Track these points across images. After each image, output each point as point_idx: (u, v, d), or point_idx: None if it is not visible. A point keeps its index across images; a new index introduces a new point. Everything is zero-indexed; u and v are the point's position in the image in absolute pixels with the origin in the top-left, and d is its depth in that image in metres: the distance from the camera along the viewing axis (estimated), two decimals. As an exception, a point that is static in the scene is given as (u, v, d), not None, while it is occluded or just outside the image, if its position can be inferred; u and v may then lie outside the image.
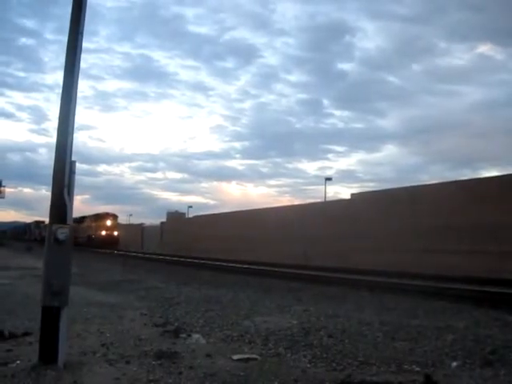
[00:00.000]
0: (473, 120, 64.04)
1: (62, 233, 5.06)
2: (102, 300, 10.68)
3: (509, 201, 19.98)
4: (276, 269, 21.28)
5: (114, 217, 63.98)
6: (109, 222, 61.23)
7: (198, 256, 33.02)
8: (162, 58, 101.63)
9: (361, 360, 5.59)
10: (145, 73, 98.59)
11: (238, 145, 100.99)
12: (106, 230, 60.32)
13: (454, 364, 5.44)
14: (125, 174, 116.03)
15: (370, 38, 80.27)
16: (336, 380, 4.82)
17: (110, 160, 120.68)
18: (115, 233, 61.16)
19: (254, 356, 5.76)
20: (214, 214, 51.21)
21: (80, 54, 5.42)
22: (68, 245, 5.12)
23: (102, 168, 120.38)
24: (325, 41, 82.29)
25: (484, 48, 72.63)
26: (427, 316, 8.71)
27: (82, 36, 5.43)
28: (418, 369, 5.24)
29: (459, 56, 70.91)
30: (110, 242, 57.79)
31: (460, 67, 66.79)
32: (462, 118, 66.42)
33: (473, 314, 8.94)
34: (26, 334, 6.58)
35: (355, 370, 5.20)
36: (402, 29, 71.16)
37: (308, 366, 5.42)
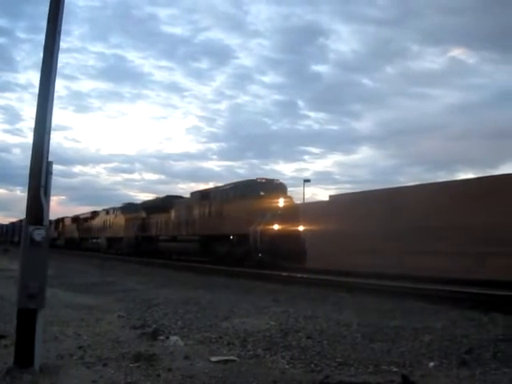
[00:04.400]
0: (448, 123, 64.92)
1: (39, 234, 5.00)
2: (79, 302, 10.57)
3: (488, 202, 20.26)
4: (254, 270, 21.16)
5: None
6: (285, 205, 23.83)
7: (179, 258, 32.85)
8: (137, 59, 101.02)
9: (339, 361, 5.61)
10: (119, 73, 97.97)
11: (214, 146, 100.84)
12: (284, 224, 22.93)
13: (431, 364, 5.49)
14: (101, 174, 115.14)
15: (344, 40, 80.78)
16: (314, 381, 4.83)
17: (85, 161, 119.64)
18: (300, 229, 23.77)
19: (232, 358, 5.75)
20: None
21: (57, 53, 5.36)
22: (44, 246, 5.06)
23: (77, 169, 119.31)
24: (299, 43, 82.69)
25: (457, 52, 73.56)
26: (405, 317, 8.77)
27: (60, 35, 5.37)
28: (395, 369, 5.28)
29: (432, 59, 71.63)
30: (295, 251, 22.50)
31: (433, 70, 67.55)
32: (437, 120, 67.25)
33: (450, 315, 9.03)
34: (1, 336, 6.48)
35: (333, 371, 5.22)
36: (376, 32, 71.71)
37: (286, 367, 5.43)
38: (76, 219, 56.06)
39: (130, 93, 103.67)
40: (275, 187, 24.59)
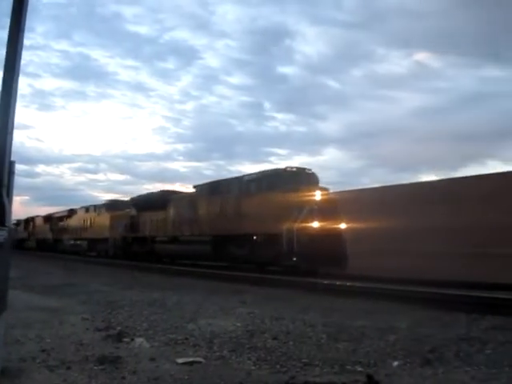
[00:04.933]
0: (412, 125, 65.74)
1: (1, 235, 4.90)
2: (42, 304, 10.40)
3: (453, 202, 20.57)
4: (220, 271, 21.15)
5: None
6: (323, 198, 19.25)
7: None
8: (101, 57, 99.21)
9: (305, 361, 5.64)
10: (83, 71, 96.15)
11: (180, 147, 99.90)
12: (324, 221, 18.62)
13: (395, 363, 5.56)
14: (65, 174, 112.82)
15: (311, 42, 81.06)
16: (280, 382, 4.85)
17: (49, 160, 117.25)
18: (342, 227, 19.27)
19: (198, 359, 5.73)
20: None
21: (21, 50, 5.26)
22: (6, 247, 4.96)
23: (40, 169, 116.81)
24: (265, 44, 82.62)
25: (421, 55, 74.64)
26: (370, 317, 8.86)
27: (24, 32, 5.28)
28: (360, 369, 5.33)
29: (397, 62, 72.54)
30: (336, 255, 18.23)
31: (398, 74, 68.39)
32: (402, 123, 68.05)
33: (414, 315, 9.15)
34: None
35: (299, 372, 5.24)
36: (342, 34, 72.25)
37: (252, 368, 5.43)
38: (49, 218, 51.51)
39: (94, 92, 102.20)
40: (308, 177, 20.58)
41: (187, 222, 25.29)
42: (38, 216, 56.62)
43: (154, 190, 32.78)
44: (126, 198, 36.93)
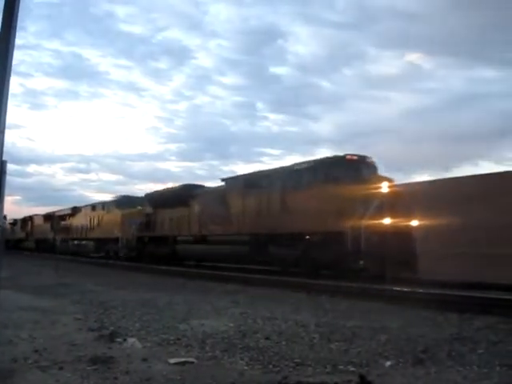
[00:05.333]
0: (404, 126, 65.87)
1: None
2: (34, 304, 10.37)
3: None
4: (212, 271, 21.06)
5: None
6: (391, 191, 16.66)
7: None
8: (94, 57, 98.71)
9: (297, 361, 5.64)
10: (76, 71, 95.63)
11: (173, 147, 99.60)
12: (394, 218, 15.98)
13: (388, 363, 5.57)
14: (57, 174, 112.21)
15: (303, 42, 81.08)
16: (273, 382, 4.85)
17: (40, 160, 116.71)
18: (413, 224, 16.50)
19: (190, 359, 5.72)
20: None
21: (13, 49, 5.24)
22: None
23: (32, 169, 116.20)
24: (258, 44, 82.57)
25: (413, 56, 74.75)
26: (362, 317, 8.88)
27: (15, 31, 5.25)
28: (352, 369, 5.34)
29: (389, 63, 72.72)
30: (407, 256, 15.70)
31: (390, 74, 68.58)
32: (394, 123, 68.22)
33: (405, 315, 9.17)
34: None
35: (291, 372, 5.24)
36: (334, 35, 72.30)
37: (245, 368, 5.43)
38: (50, 217, 47.23)
39: (86, 91, 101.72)
40: (369, 166, 17.89)
41: (217, 220, 22.51)
42: (36, 215, 53.24)
43: (174, 185, 29.54)
44: (139, 194, 34.16)
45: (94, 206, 38.84)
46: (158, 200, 28.11)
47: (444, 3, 60.22)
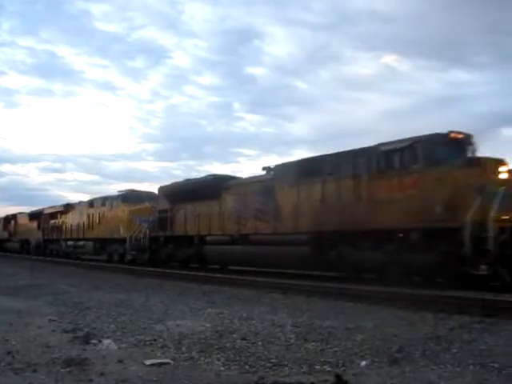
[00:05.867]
0: (380, 127, 66.41)
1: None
2: (7, 306, 10.23)
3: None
4: (189, 272, 20.79)
5: None
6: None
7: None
8: (69, 55, 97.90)
9: (274, 362, 5.64)
10: (50, 69, 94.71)
11: (149, 147, 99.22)
12: None
13: (363, 363, 5.60)
14: (31, 174, 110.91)
15: (280, 43, 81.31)
16: (249, 382, 4.85)
17: (14, 159, 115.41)
18: None
19: (166, 360, 5.69)
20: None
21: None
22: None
23: (5, 168, 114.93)
24: (235, 44, 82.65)
25: (389, 58, 75.37)
26: (338, 317, 8.92)
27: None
28: (329, 369, 5.36)
29: (365, 65, 73.31)
30: None
31: (366, 76, 69.09)
32: (370, 125, 68.73)
33: (381, 315, 9.24)
34: None
35: (268, 372, 5.24)
36: (311, 36, 72.60)
37: (221, 369, 5.41)
38: (36, 215, 44.43)
39: (61, 90, 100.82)
40: (475, 147, 14.49)
41: (263, 216, 18.83)
42: (20, 213, 49.77)
43: (198, 176, 25.33)
44: (147, 189, 31.27)
45: (91, 202, 35.23)
46: (178, 194, 24.18)
47: (420, 6, 60.92)
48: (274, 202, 18.27)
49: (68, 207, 38.98)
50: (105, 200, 32.95)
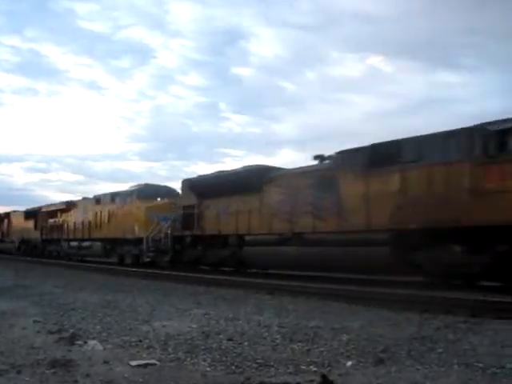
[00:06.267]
0: (366, 129, 66.82)
1: None
2: (-9, 307, 10.14)
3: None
4: (177, 272, 20.64)
5: None
6: None
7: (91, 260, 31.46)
8: (54, 54, 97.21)
9: (260, 362, 5.65)
10: (35, 68, 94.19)
11: (135, 147, 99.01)
12: None
13: (349, 363, 5.62)
14: (15, 174, 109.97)
15: (266, 44, 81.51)
16: (235, 383, 4.85)
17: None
18: None
19: (152, 361, 5.67)
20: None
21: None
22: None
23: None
24: (221, 45, 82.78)
25: (375, 60, 75.79)
26: (324, 317, 8.95)
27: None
28: (314, 369, 5.37)
29: (351, 66, 73.71)
30: None
31: (352, 77, 69.47)
32: (356, 126, 69.08)
33: (366, 315, 9.28)
34: None
35: (254, 373, 5.24)
36: (298, 37, 72.87)
37: (208, 369, 5.40)
38: (33, 214, 41.25)
39: (46, 89, 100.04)
40: None
41: (322, 212, 16.24)
42: (15, 211, 46.63)
43: (233, 168, 22.58)
44: (164, 183, 28.39)
45: (98, 199, 31.82)
46: (208, 187, 21.35)
47: (407, 7, 61.25)
48: (336, 195, 15.73)
49: (70, 205, 36.07)
50: (115, 196, 29.81)
